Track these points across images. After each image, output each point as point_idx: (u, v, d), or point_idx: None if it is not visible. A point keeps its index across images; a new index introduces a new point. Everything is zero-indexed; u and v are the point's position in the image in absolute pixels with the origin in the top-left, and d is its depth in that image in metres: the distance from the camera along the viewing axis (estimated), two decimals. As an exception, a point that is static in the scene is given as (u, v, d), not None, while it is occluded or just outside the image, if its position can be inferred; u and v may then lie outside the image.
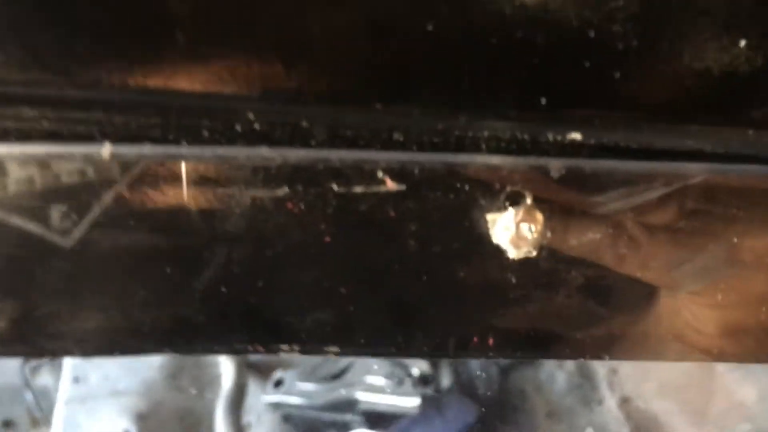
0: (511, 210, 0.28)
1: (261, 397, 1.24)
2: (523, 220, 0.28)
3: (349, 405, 1.23)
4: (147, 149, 0.26)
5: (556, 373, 1.39)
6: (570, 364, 1.42)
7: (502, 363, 1.38)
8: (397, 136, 0.27)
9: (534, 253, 0.29)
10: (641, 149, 0.28)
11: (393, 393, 1.21)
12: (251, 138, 0.27)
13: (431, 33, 0.25)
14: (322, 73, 0.26)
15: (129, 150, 0.26)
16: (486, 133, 0.27)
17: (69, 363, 1.28)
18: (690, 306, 0.31)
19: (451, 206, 0.28)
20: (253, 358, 1.32)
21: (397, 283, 0.29)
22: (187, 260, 0.28)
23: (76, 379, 1.27)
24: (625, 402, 1.34)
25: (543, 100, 0.26)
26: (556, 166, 0.28)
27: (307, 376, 1.27)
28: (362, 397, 1.21)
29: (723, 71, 0.26)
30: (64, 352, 0.28)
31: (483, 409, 1.27)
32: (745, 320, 0.32)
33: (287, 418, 1.26)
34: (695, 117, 0.28)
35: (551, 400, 1.37)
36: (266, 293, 0.29)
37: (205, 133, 0.27)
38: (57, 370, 1.33)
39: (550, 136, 0.27)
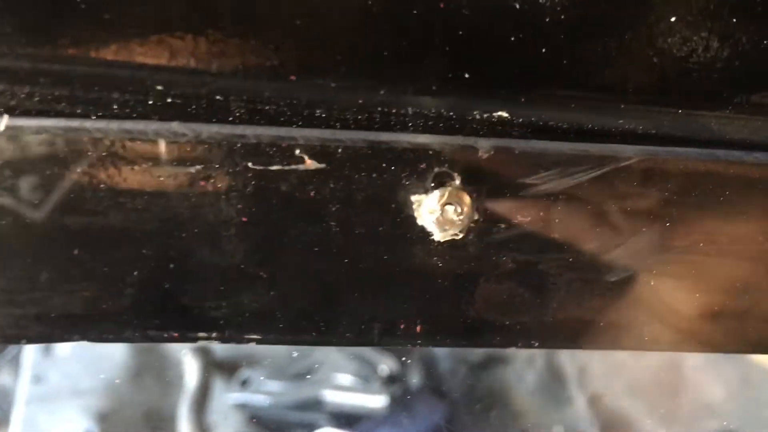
0: (436, 192, 0.27)
1: (226, 397, 1.22)
2: (448, 201, 0.27)
3: (316, 404, 1.22)
4: (49, 123, 0.24)
5: (526, 372, 1.40)
6: (540, 363, 1.42)
7: (471, 361, 1.38)
8: (319, 112, 0.26)
9: (460, 236, 0.28)
10: (572, 129, 0.27)
11: (360, 392, 1.20)
12: (164, 112, 0.25)
13: (349, 2, 0.23)
14: (236, 44, 0.24)
15: (29, 123, 0.24)
16: (410, 110, 0.26)
17: (29, 362, 1.25)
18: (623, 293, 0.31)
19: (375, 187, 0.27)
20: (220, 356, 1.30)
21: (319, 267, 0.28)
22: (95, 242, 0.27)
23: (35, 379, 1.24)
24: (594, 401, 1.34)
25: (467, 75, 0.25)
26: (484, 145, 0.27)
27: (274, 375, 1.25)
28: (329, 396, 1.20)
29: (654, 48, 0.25)
30: None
31: (451, 409, 1.26)
32: (677, 307, 0.31)
33: (253, 418, 1.25)
34: (626, 96, 0.27)
35: (521, 399, 1.38)
36: (180, 277, 0.27)
37: (115, 107, 0.25)
38: (16, 370, 1.30)
39: (477, 114, 0.26)
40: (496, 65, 0.25)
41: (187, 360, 1.25)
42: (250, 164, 0.26)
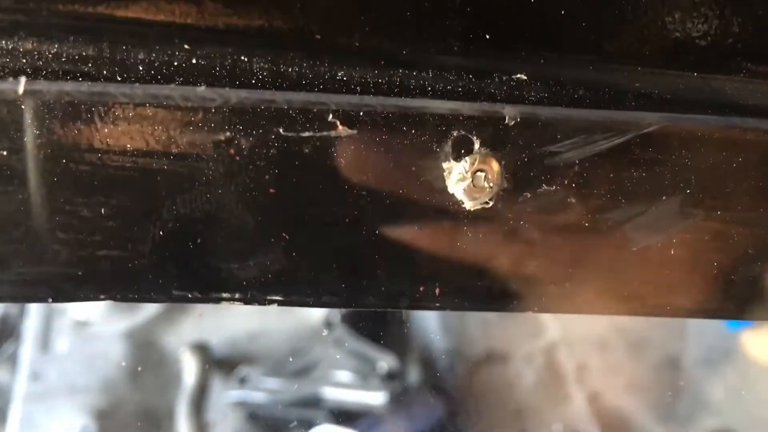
0: (467, 159, 0.27)
1: (225, 394, 1.21)
2: (478, 168, 0.27)
3: (315, 402, 1.21)
4: (71, 86, 0.25)
5: (525, 370, 1.40)
6: (539, 361, 1.42)
7: (470, 358, 1.38)
8: (341, 74, 0.26)
9: (490, 204, 0.28)
10: (588, 94, 0.28)
11: (359, 389, 1.20)
12: (189, 75, 0.26)
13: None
14: (261, 3, 0.25)
15: (50, 87, 0.24)
16: (431, 72, 0.27)
17: (26, 359, 1.25)
18: (643, 261, 0.31)
19: (405, 153, 0.27)
20: (218, 353, 1.30)
21: (346, 232, 0.28)
22: (121, 202, 0.27)
23: (33, 376, 1.23)
24: (593, 398, 1.35)
25: (487, 35, 0.26)
26: (511, 112, 0.27)
27: (272, 372, 1.25)
28: (328, 393, 1.20)
29: (669, 11, 0.26)
30: None
31: (450, 406, 1.26)
32: (696, 274, 0.31)
33: (252, 416, 1.24)
34: (643, 60, 0.27)
35: (519, 397, 1.38)
36: (205, 237, 0.28)
37: (140, 68, 0.26)
38: (13, 367, 1.29)
39: (497, 77, 0.27)
40: (516, 26, 0.26)
41: (185, 357, 1.25)
42: (280, 130, 0.26)
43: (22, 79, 0.24)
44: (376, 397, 1.19)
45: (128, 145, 0.26)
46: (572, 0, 0.25)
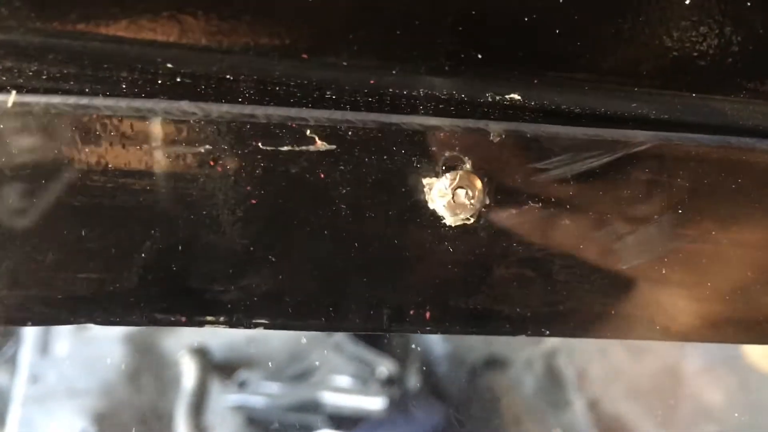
0: (447, 175, 0.27)
1: (224, 398, 1.21)
2: (460, 185, 0.26)
3: (314, 406, 1.21)
4: (57, 100, 0.24)
5: (525, 375, 1.40)
6: (539, 367, 1.42)
7: (469, 364, 1.38)
8: (329, 93, 0.26)
9: (471, 221, 0.27)
10: (585, 114, 0.27)
11: (358, 394, 1.20)
12: (172, 93, 0.25)
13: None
14: (248, 21, 0.24)
15: (37, 100, 0.24)
16: (422, 92, 0.26)
17: (25, 362, 1.25)
18: (634, 281, 0.30)
19: (386, 170, 0.27)
20: (218, 357, 1.30)
21: (328, 251, 0.28)
22: (102, 222, 0.26)
23: (32, 379, 1.23)
24: (593, 405, 1.34)
25: (479, 55, 0.25)
26: (496, 129, 0.26)
27: (272, 377, 1.25)
28: (327, 398, 1.20)
29: (668, 31, 0.25)
30: None
31: (450, 412, 1.26)
32: (690, 296, 0.31)
33: (250, 420, 1.24)
34: (640, 80, 0.27)
35: (519, 402, 1.38)
36: (188, 260, 0.27)
37: (123, 86, 0.25)
38: (12, 369, 1.29)
39: (489, 97, 0.26)
40: (509, 45, 0.25)
41: (184, 361, 1.24)
42: (260, 145, 0.25)
43: (12, 93, 0.24)
44: (375, 402, 1.18)
45: (110, 164, 0.26)
46: (567, 19, 0.25)
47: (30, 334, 1.28)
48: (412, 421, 1.24)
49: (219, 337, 1.32)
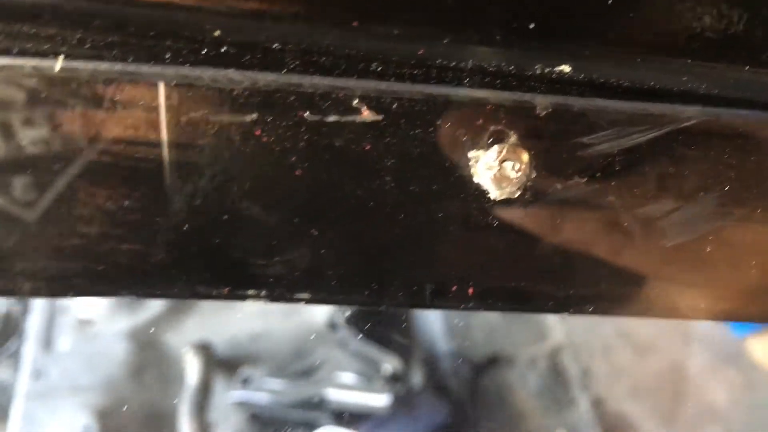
0: (494, 147, 0.26)
1: (227, 395, 1.21)
2: (506, 158, 0.26)
3: (318, 403, 1.21)
4: (105, 66, 0.24)
5: (528, 373, 1.40)
6: (543, 365, 1.42)
7: (473, 362, 1.38)
8: (375, 65, 0.25)
9: (517, 195, 0.27)
10: (633, 88, 0.27)
11: (363, 390, 1.20)
12: (217, 64, 0.25)
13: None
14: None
15: (84, 66, 0.23)
16: (470, 63, 0.26)
17: (29, 358, 1.25)
18: (678, 258, 0.30)
19: (432, 142, 0.26)
20: (221, 354, 1.29)
21: (372, 224, 0.27)
22: (146, 193, 0.26)
23: (35, 374, 1.23)
24: (597, 403, 1.34)
25: (531, 25, 0.25)
26: (543, 103, 0.26)
27: (275, 373, 1.25)
28: (331, 395, 1.20)
29: (722, 3, 0.25)
30: (18, 291, 0.26)
31: (454, 409, 1.26)
32: (733, 275, 0.30)
33: (254, 417, 1.24)
34: (692, 53, 0.26)
35: (523, 400, 1.37)
36: (232, 231, 0.27)
37: (167, 56, 0.25)
38: (16, 365, 1.29)
39: (538, 69, 0.26)
40: (562, 16, 0.25)
41: (188, 358, 1.24)
42: (305, 115, 0.25)
43: (60, 57, 0.23)
44: (379, 400, 1.18)
45: (154, 133, 0.25)
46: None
47: (33, 329, 1.28)
48: (416, 418, 1.24)
49: (222, 334, 1.31)
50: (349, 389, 1.20)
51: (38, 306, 1.35)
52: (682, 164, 0.28)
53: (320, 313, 1.35)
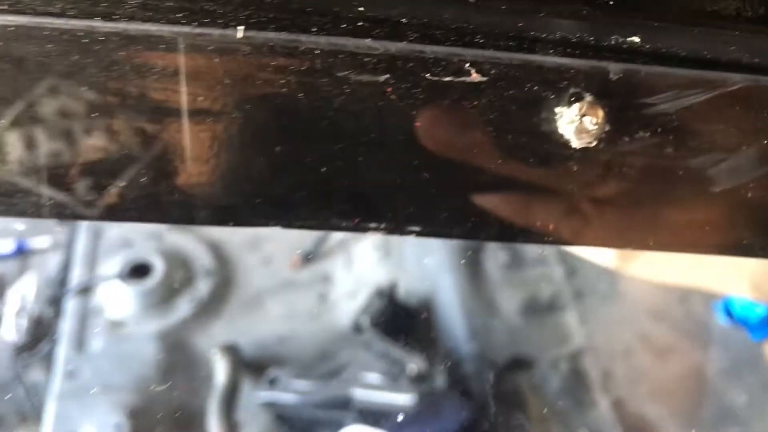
0: (575, 105, 0.32)
1: (255, 395, 1.23)
2: (585, 113, 0.32)
3: (344, 402, 1.22)
4: (273, 35, 0.30)
5: (550, 375, 1.41)
6: (564, 367, 1.43)
7: (496, 363, 1.39)
8: (479, 37, 0.31)
9: (593, 144, 0.33)
10: (689, 57, 0.33)
11: (388, 390, 1.21)
12: (353, 35, 0.31)
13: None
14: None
15: (261, 35, 0.30)
16: (558, 35, 0.32)
17: (61, 358, 1.27)
18: (724, 202, 0.36)
19: (525, 100, 0.32)
20: (248, 355, 1.31)
21: (475, 167, 0.33)
22: (295, 139, 0.32)
23: (68, 375, 1.25)
24: (617, 405, 1.35)
25: (611, 2, 0.31)
26: (615, 69, 0.32)
27: (302, 375, 1.26)
28: (357, 394, 1.21)
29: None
30: (187, 220, 0.32)
31: (477, 409, 1.27)
32: None
33: (281, 417, 1.25)
34: (737, 27, 0.32)
35: (545, 401, 1.38)
36: (363, 173, 0.33)
37: (313, 29, 0.31)
38: (48, 366, 1.31)
39: (613, 40, 0.32)
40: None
41: (216, 359, 1.26)
42: (427, 75, 0.31)
43: (241, 27, 0.29)
44: (404, 399, 1.20)
45: (310, 91, 0.31)
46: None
47: (66, 331, 1.31)
48: (440, 418, 1.26)
49: (249, 336, 1.34)
50: (374, 389, 1.22)
51: (71, 309, 1.37)
52: (729, 122, 0.34)
53: (345, 315, 1.38)
